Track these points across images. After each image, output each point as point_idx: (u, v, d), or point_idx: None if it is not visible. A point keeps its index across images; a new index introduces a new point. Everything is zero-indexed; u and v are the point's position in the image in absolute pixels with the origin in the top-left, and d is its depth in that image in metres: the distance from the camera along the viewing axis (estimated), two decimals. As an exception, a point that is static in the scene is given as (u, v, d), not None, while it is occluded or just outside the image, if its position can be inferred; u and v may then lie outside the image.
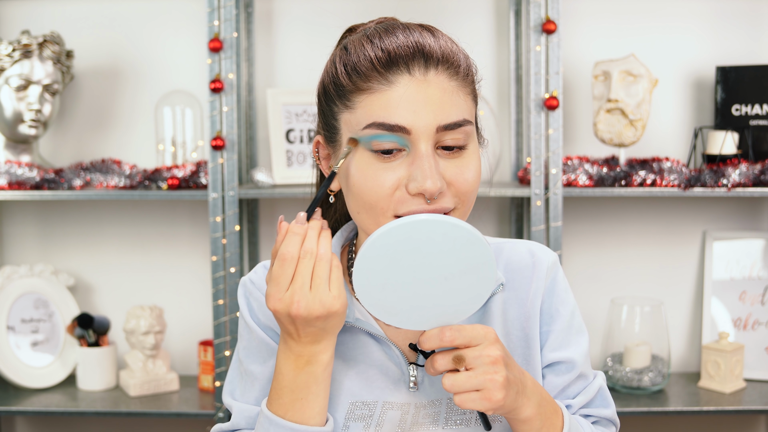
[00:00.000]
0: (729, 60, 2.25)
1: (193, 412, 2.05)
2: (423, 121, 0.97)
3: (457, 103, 1.00)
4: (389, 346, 1.08)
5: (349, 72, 1.00)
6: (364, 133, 0.99)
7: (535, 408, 0.99)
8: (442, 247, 0.92)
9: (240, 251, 2.15)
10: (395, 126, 0.97)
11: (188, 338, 2.36)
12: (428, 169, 0.96)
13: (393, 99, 0.97)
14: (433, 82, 0.98)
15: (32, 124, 2.12)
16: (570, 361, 1.12)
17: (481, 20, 2.29)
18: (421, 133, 0.97)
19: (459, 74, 1.01)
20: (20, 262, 2.37)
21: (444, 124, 0.98)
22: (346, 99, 1.01)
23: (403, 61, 0.98)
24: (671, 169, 2.05)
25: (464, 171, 1.00)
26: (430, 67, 0.98)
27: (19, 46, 2.10)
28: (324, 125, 1.07)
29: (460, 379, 0.94)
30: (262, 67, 2.31)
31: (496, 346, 0.95)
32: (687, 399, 2.08)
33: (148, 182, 2.12)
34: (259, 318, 1.12)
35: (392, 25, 1.03)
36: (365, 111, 0.99)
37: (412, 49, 0.98)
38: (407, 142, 0.98)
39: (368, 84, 0.98)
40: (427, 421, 1.07)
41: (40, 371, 2.21)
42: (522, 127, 2.26)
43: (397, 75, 0.98)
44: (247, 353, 1.12)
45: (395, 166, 0.98)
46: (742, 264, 2.26)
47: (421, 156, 0.97)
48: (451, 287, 0.94)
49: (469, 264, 0.93)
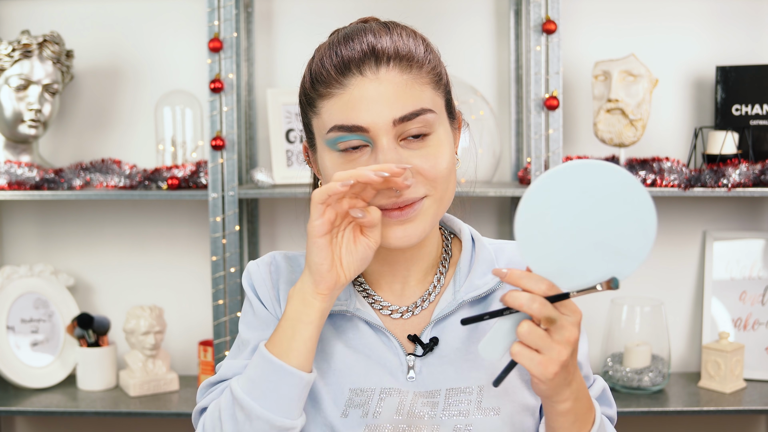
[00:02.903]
0: (729, 60, 2.25)
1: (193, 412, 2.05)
2: (379, 117, 1.01)
3: (412, 94, 1.03)
4: (387, 337, 1.11)
5: (313, 81, 1.07)
6: (328, 136, 1.04)
7: (573, 402, 0.99)
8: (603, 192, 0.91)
9: (240, 251, 2.15)
10: (353, 126, 1.02)
11: (188, 338, 2.36)
12: (392, 161, 1.01)
13: (349, 101, 1.03)
14: (385, 79, 1.03)
15: (32, 124, 2.12)
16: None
17: (481, 20, 2.29)
18: (379, 129, 1.02)
19: (412, 67, 1.04)
20: (20, 262, 2.37)
21: (400, 116, 1.02)
22: (314, 106, 1.07)
23: (355, 64, 1.03)
24: (671, 169, 2.05)
25: (429, 158, 1.04)
26: (381, 65, 1.03)
27: (19, 46, 2.09)
28: (305, 130, 1.13)
29: (538, 333, 0.92)
30: (262, 67, 2.31)
31: (578, 329, 0.95)
32: (687, 399, 2.08)
33: (148, 182, 2.11)
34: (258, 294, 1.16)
35: (356, 29, 1.07)
36: (328, 116, 1.05)
37: (363, 52, 1.03)
38: (369, 138, 1.03)
39: (328, 90, 1.04)
40: (425, 410, 1.08)
41: (40, 371, 2.21)
42: (522, 127, 2.26)
43: (350, 78, 1.03)
44: (246, 324, 1.16)
45: (363, 161, 1.04)
46: (742, 264, 2.26)
47: (383, 150, 1.02)
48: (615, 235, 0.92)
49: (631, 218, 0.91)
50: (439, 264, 1.16)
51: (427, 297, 1.14)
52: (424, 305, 1.13)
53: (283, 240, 2.34)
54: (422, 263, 1.14)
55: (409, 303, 1.14)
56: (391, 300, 1.14)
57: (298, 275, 1.15)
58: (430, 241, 1.15)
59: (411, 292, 1.14)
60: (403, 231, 1.04)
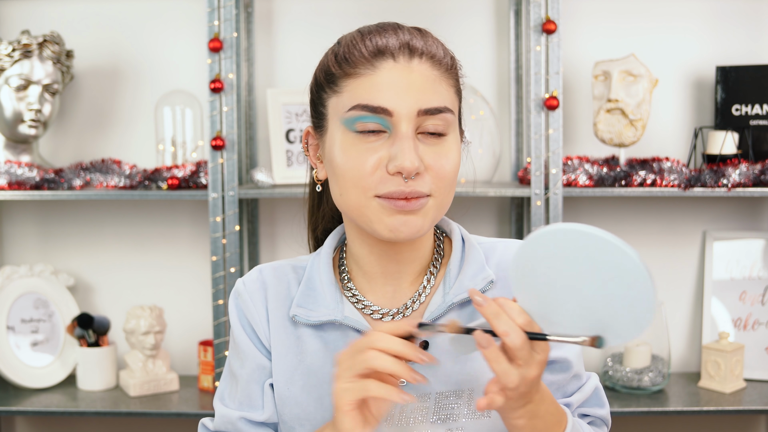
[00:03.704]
0: (729, 60, 2.25)
1: (193, 412, 2.05)
2: (405, 104, 1.02)
3: (439, 90, 1.05)
4: None
5: (339, 61, 1.06)
6: (348, 114, 1.04)
7: (527, 420, 0.98)
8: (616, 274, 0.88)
9: (240, 251, 2.15)
10: (378, 108, 1.02)
11: (188, 338, 2.36)
12: (407, 149, 1.01)
13: (377, 83, 1.02)
14: (416, 69, 1.04)
15: (32, 124, 2.12)
16: (564, 360, 1.12)
17: (481, 20, 2.29)
18: (402, 116, 1.02)
19: (442, 66, 1.06)
20: (20, 262, 2.37)
21: (425, 108, 1.02)
22: (335, 84, 1.06)
23: (389, 50, 1.03)
24: (671, 169, 2.05)
25: (442, 158, 1.04)
26: (414, 57, 1.04)
27: (19, 46, 2.09)
28: (313, 113, 1.12)
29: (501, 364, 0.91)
30: (262, 67, 2.31)
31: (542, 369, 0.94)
32: (687, 399, 2.08)
33: (148, 182, 2.12)
34: (246, 318, 1.15)
35: (387, 24, 1.08)
36: (351, 94, 1.04)
37: (399, 42, 1.04)
38: (389, 124, 1.02)
39: (355, 69, 1.04)
40: (417, 416, 1.07)
41: (40, 371, 2.21)
42: (522, 127, 2.26)
43: (382, 61, 1.03)
44: (234, 356, 1.16)
45: (377, 146, 1.03)
46: (742, 264, 2.26)
47: (402, 137, 1.02)
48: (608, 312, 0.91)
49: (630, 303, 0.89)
50: (430, 264, 1.15)
51: (417, 298, 1.13)
52: (414, 306, 1.12)
53: (283, 240, 2.34)
54: (415, 264, 1.14)
55: (400, 305, 1.13)
56: (381, 302, 1.13)
57: (285, 287, 1.15)
58: (425, 243, 1.14)
59: (402, 293, 1.14)
60: (405, 220, 1.03)
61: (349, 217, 1.09)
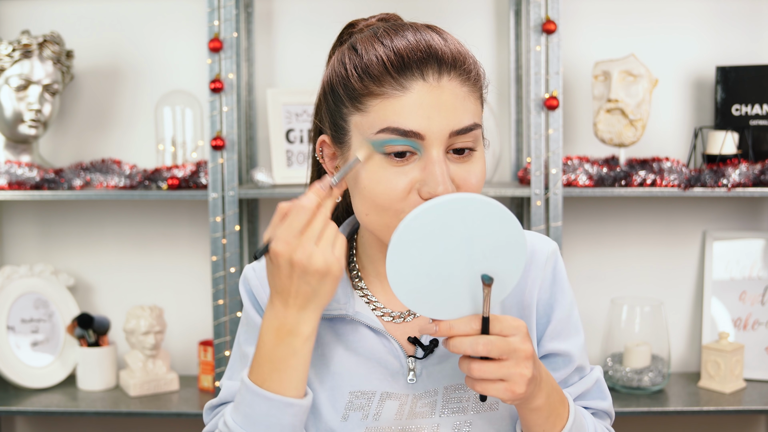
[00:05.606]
0: (729, 60, 2.25)
1: (193, 412, 2.05)
2: (437, 127, 0.99)
3: (468, 107, 1.02)
4: (388, 340, 1.10)
5: (361, 75, 1.01)
6: (377, 137, 1.00)
7: (545, 398, 1.00)
8: (473, 226, 0.93)
9: (240, 251, 2.15)
10: (410, 132, 0.98)
11: (188, 338, 2.36)
12: (440, 175, 0.98)
13: (407, 105, 0.98)
14: (447, 88, 1.00)
15: (32, 124, 2.12)
16: (567, 354, 1.13)
17: (481, 20, 2.29)
18: (434, 139, 0.99)
19: (470, 79, 1.03)
20: (20, 262, 2.37)
21: (457, 129, 1.00)
22: (358, 102, 1.01)
23: (417, 65, 0.99)
24: (671, 169, 2.05)
25: (471, 175, 1.03)
26: (443, 73, 1.00)
27: (19, 46, 2.10)
28: (331, 125, 1.07)
29: (491, 369, 0.93)
30: (262, 67, 2.31)
31: (528, 341, 0.96)
32: (687, 399, 2.08)
33: (148, 182, 2.12)
34: (257, 301, 1.14)
35: (399, 24, 1.05)
36: (379, 116, 1.00)
37: (424, 53, 0.99)
38: (420, 147, 0.99)
39: (382, 89, 0.99)
40: (424, 411, 1.08)
41: (40, 371, 2.21)
42: (522, 127, 2.26)
43: (411, 80, 0.99)
44: (246, 336, 1.15)
45: (407, 169, 1.00)
46: (742, 264, 2.26)
47: (433, 162, 0.99)
48: (483, 269, 0.95)
49: (500, 242, 0.94)
50: None
51: None
52: None
53: (283, 240, 2.34)
54: None
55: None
56: (392, 305, 1.13)
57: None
58: None
59: None
60: None
61: (373, 234, 1.07)
